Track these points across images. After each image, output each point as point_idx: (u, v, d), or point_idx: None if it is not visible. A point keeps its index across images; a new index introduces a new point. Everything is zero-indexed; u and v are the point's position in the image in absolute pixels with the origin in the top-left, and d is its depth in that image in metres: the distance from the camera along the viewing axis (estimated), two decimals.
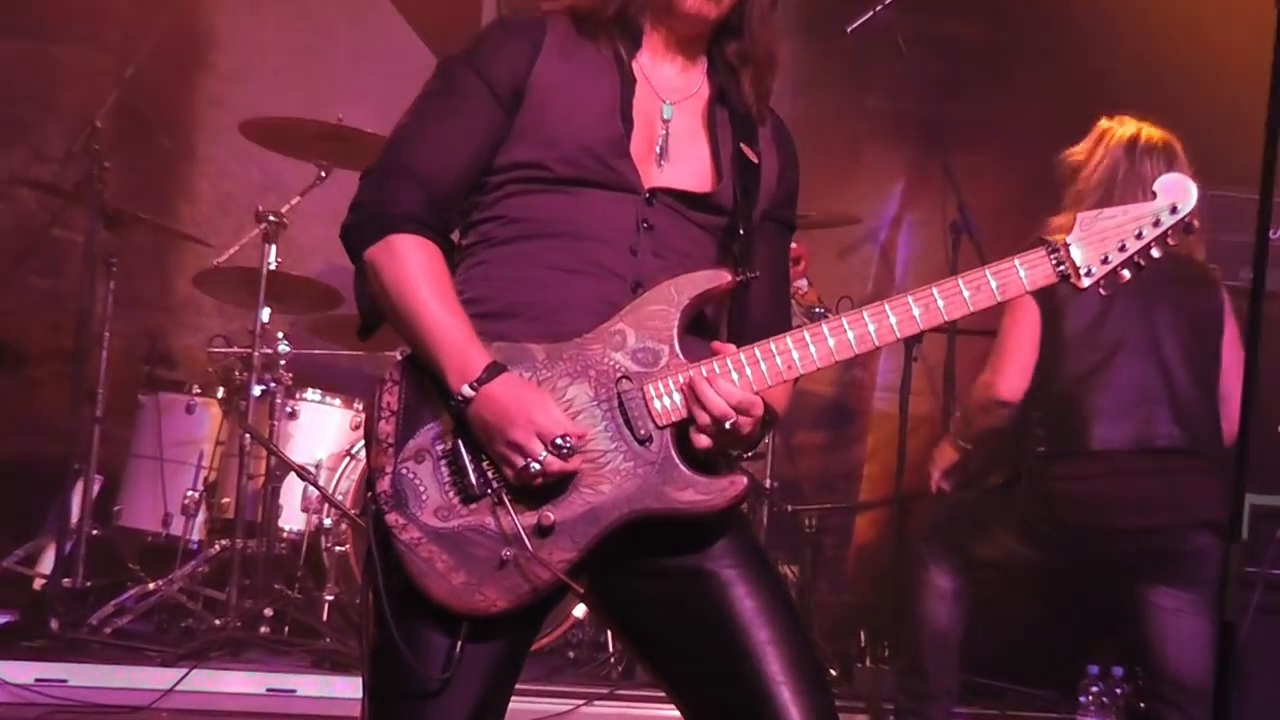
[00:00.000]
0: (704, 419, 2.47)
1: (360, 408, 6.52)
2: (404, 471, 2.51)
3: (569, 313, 2.57)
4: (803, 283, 6.02)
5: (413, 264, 2.55)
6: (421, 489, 2.51)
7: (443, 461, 2.52)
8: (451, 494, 2.51)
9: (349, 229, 2.62)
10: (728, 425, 2.44)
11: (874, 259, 8.23)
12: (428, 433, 2.55)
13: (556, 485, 2.50)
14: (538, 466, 2.44)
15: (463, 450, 2.51)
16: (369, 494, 2.53)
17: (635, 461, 2.50)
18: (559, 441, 2.44)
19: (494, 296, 2.62)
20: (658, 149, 2.66)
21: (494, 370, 2.49)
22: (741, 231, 2.63)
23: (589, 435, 2.52)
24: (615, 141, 2.61)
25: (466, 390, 2.47)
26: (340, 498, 6.16)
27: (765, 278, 2.72)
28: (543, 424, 2.45)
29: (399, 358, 2.60)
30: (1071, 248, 2.53)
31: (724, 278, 2.58)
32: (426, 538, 2.49)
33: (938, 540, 5.05)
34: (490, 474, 2.51)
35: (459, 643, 2.46)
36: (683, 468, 2.51)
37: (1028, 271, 2.52)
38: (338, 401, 6.64)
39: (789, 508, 6.79)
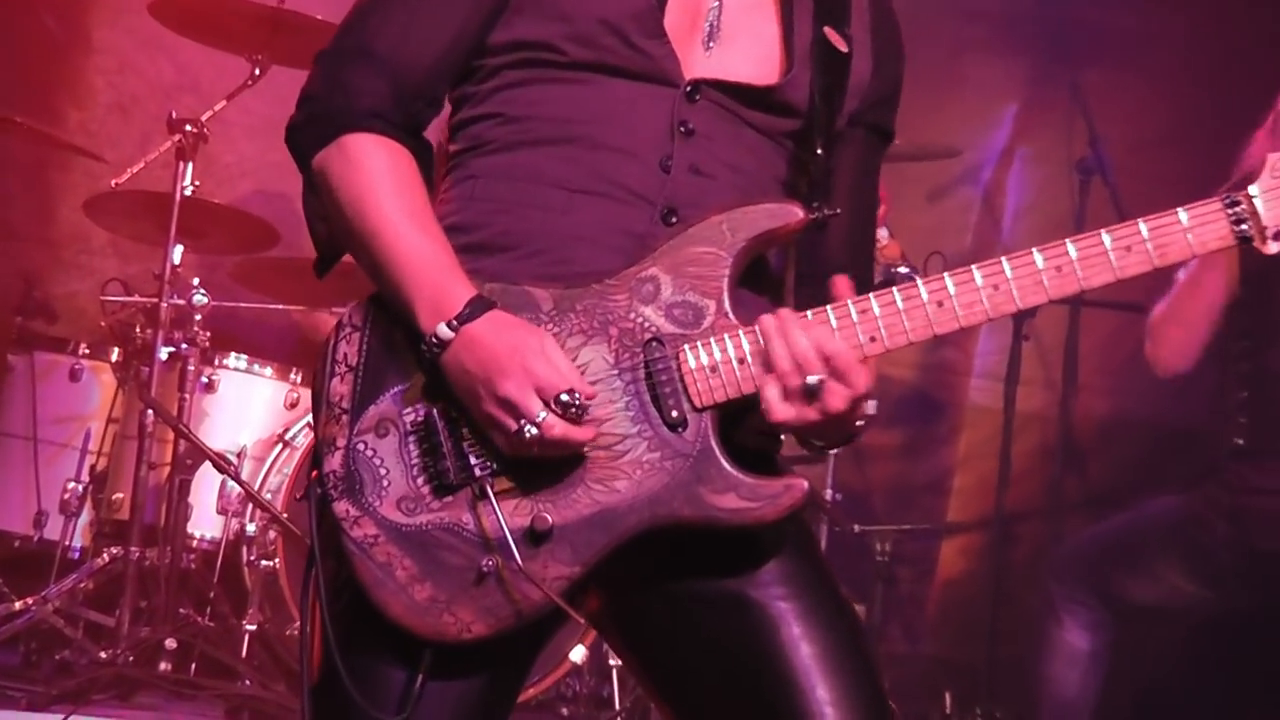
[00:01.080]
0: (784, 364, 2.43)
1: (298, 379, 6.49)
2: (360, 447, 2.51)
3: (580, 248, 2.56)
4: (883, 232, 5.97)
5: (373, 170, 2.55)
6: (382, 472, 2.51)
7: (412, 436, 2.51)
8: (421, 481, 2.51)
9: (294, 129, 2.63)
10: (812, 383, 2.41)
11: (975, 205, 8.17)
12: (394, 397, 2.55)
13: (557, 475, 2.49)
14: (534, 431, 2.41)
15: (438, 421, 2.51)
16: (313, 474, 2.53)
17: (663, 452, 2.49)
18: (564, 398, 2.41)
19: (484, 223, 2.62)
20: (706, 26, 2.64)
21: (479, 305, 2.48)
22: (819, 148, 2.60)
23: (605, 414, 2.51)
24: (645, 14, 2.58)
25: (442, 330, 2.46)
26: (269, 497, 6.11)
27: (847, 208, 2.67)
28: (543, 374, 2.43)
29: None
30: (1258, 200, 2.47)
31: (793, 215, 2.56)
32: (385, 536, 2.49)
33: (1077, 578, 4.99)
34: (474, 455, 2.51)
35: (420, 676, 2.47)
36: (725, 464, 2.49)
37: (1196, 230, 2.46)
38: (269, 371, 6.62)
39: (855, 528, 6.75)
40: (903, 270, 5.92)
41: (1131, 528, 4.88)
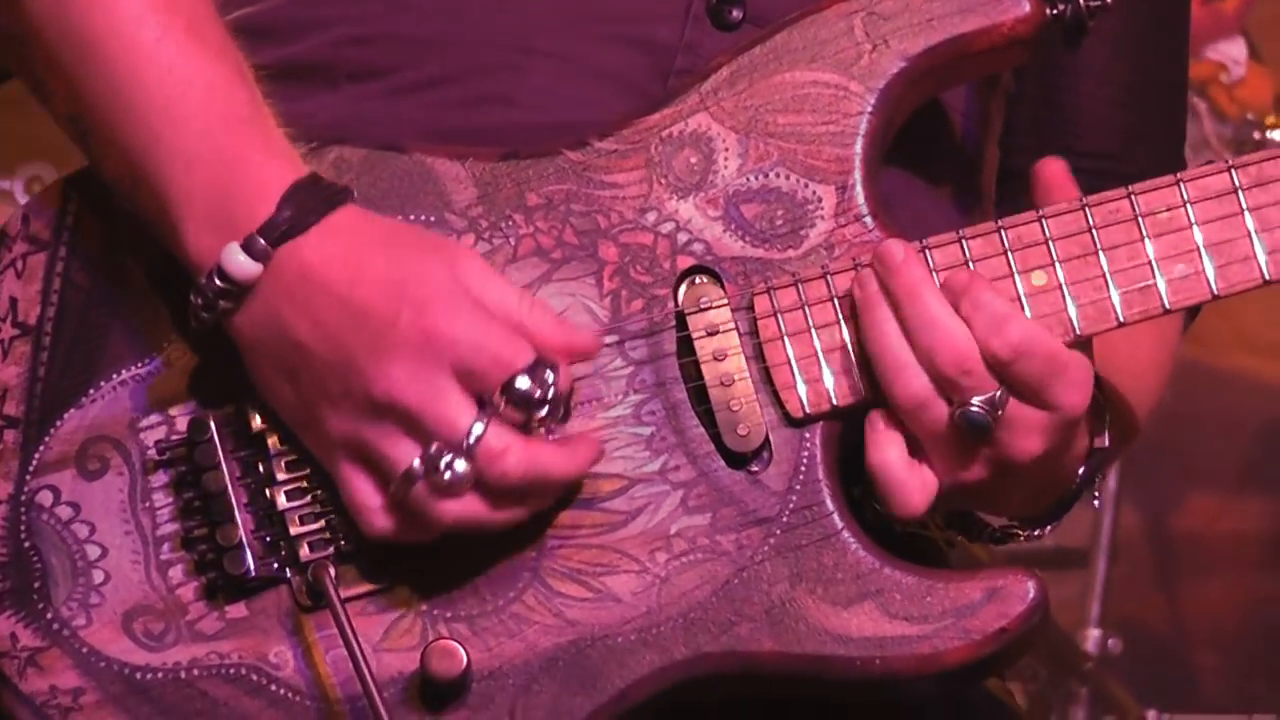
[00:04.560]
0: (950, 365, 1.66)
1: None
2: (45, 502, 1.75)
3: (534, 67, 1.81)
4: (1238, 50, 4.47)
5: None
6: (93, 553, 1.74)
7: (160, 474, 1.75)
8: (179, 570, 1.74)
9: None
10: (996, 402, 1.68)
11: None
12: (123, 392, 1.77)
13: (480, 557, 1.72)
14: (459, 469, 1.59)
15: (221, 443, 1.75)
16: None
17: (714, 515, 1.67)
18: (522, 383, 1.58)
19: (323, 18, 1.85)
20: None
21: (315, 197, 1.65)
22: None
23: (597, 423, 1.72)
24: None
25: (235, 260, 1.63)
26: None
27: (1117, 25, 1.95)
28: (470, 332, 1.60)
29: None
30: None
31: (1013, 6, 1.72)
32: (97, 693, 1.75)
33: None
34: (299, 510, 1.73)
35: None
36: (852, 540, 1.67)
37: None
38: None
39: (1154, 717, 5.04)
40: (1269, 136, 4.30)
41: None
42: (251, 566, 1.70)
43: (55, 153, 4.87)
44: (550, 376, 1.57)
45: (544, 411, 1.58)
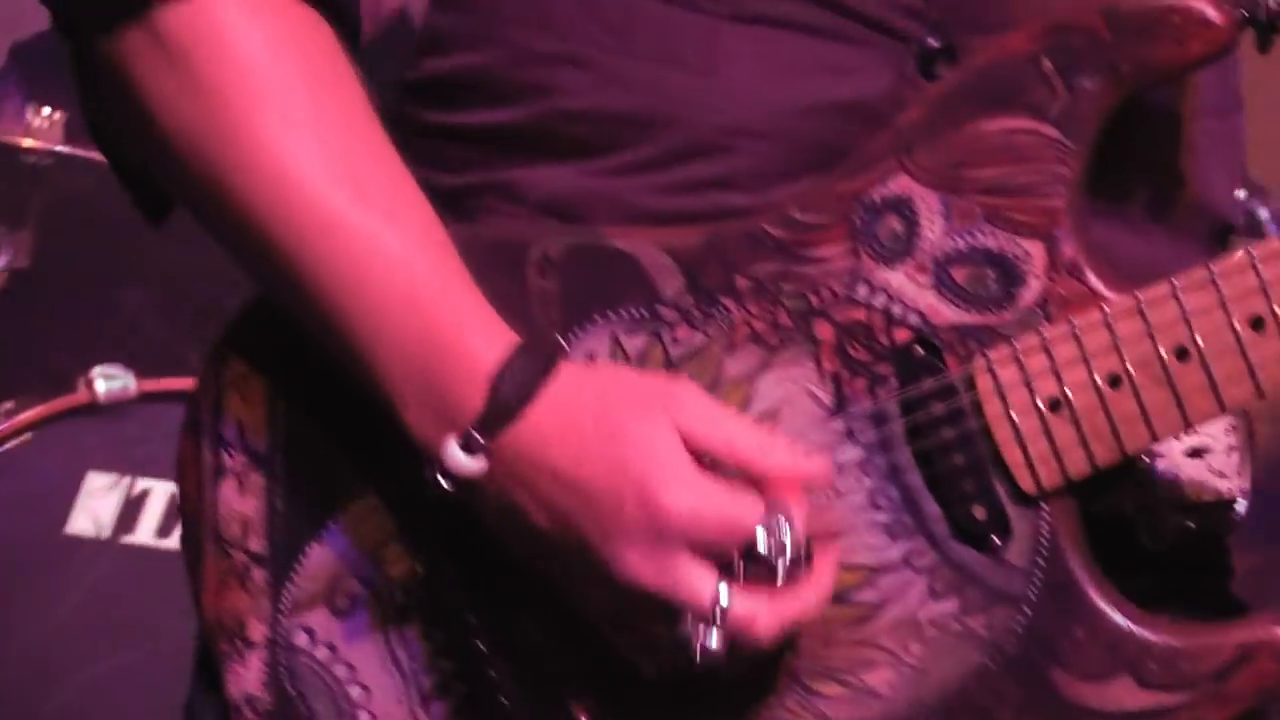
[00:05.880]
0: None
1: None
2: (301, 643, 1.68)
3: (741, 142, 1.66)
4: None
5: (257, 90, 1.63)
6: (354, 694, 1.68)
7: (412, 613, 1.68)
8: (440, 710, 1.68)
9: None
10: None
11: None
12: (367, 522, 1.70)
13: (747, 678, 1.64)
14: (712, 643, 1.53)
15: (460, 591, 1.70)
16: (204, 704, 1.74)
17: (961, 598, 1.60)
18: (762, 542, 1.52)
19: (518, 82, 1.74)
20: None
21: (531, 370, 1.58)
22: None
23: (834, 514, 1.63)
24: None
25: (457, 458, 1.56)
26: None
27: None
28: (701, 508, 1.53)
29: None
30: None
31: (1204, 20, 1.58)
32: None
33: None
34: (553, 653, 1.68)
35: None
36: (1106, 609, 1.57)
37: None
38: None
39: None
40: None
41: None
42: (502, 687, 1.67)
43: None
44: (786, 529, 1.51)
45: (787, 561, 1.53)
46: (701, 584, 1.48)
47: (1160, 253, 1.66)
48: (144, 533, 3.46)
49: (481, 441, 1.51)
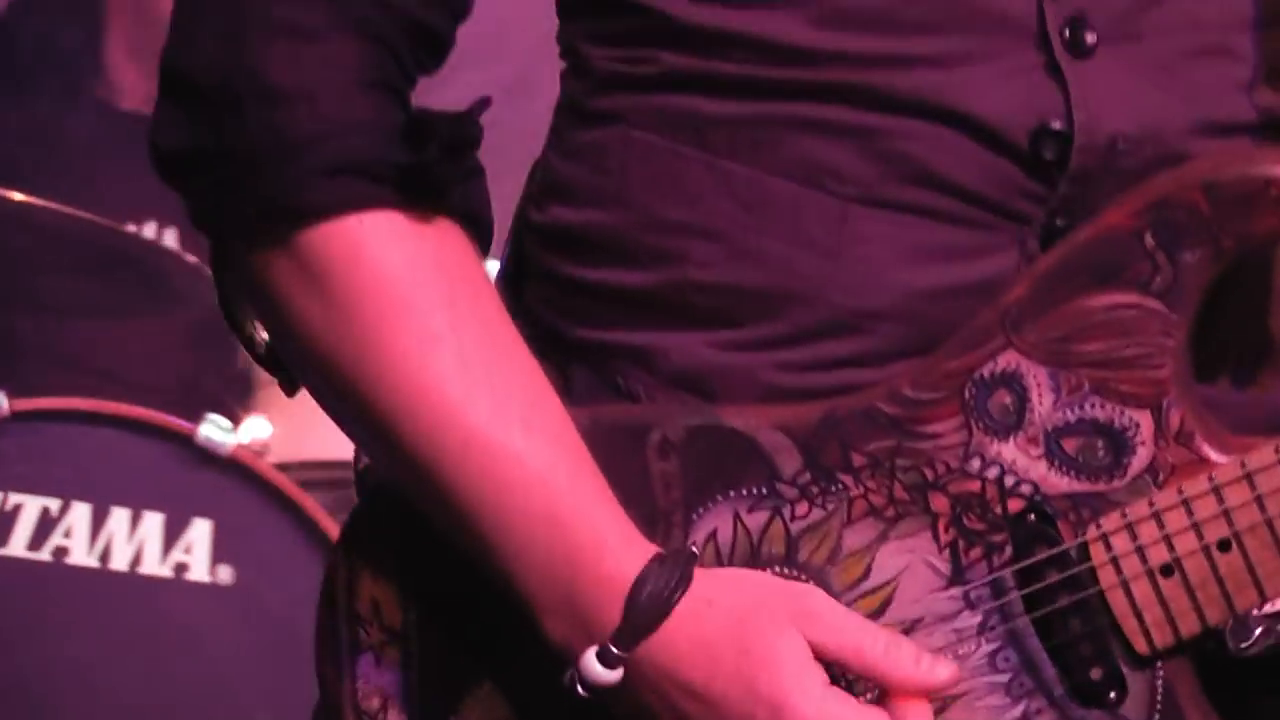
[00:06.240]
0: None
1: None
2: None
3: (867, 325, 1.72)
4: None
5: (396, 310, 1.65)
6: None
7: None
8: None
9: (171, 163, 1.69)
10: None
11: None
12: (497, 701, 1.72)
13: None
14: None
15: None
16: None
17: None
18: None
19: (656, 251, 1.77)
20: None
21: (664, 583, 1.60)
22: None
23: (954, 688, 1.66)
24: None
25: (596, 669, 1.60)
26: None
27: None
28: (818, 713, 1.55)
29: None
30: None
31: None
32: None
33: None
34: None
35: None
36: None
37: None
38: None
39: None
40: None
41: None
42: None
43: None
44: None
45: None
46: None
47: (1273, 399, 1.72)
48: (16, 545, 3.57)
49: (618, 654, 1.55)
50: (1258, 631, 1.61)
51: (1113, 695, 1.57)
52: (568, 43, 1.82)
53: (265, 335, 1.73)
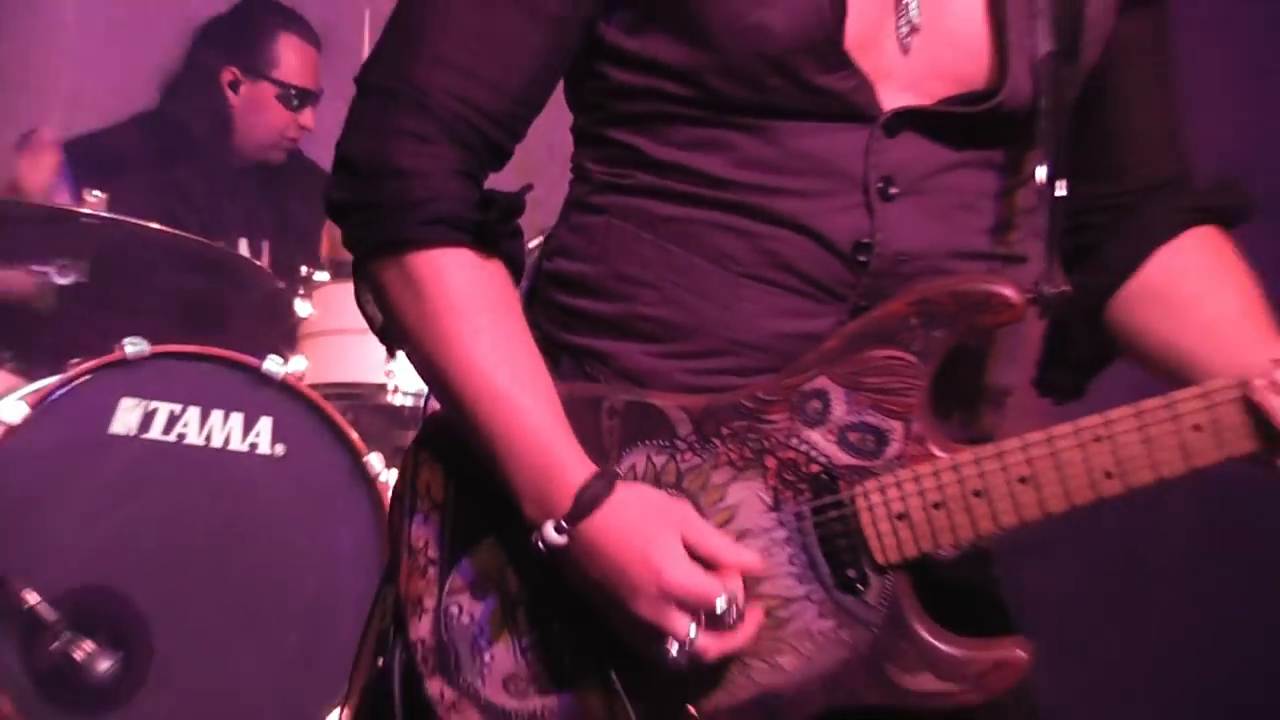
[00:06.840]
0: None
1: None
2: (454, 611, 2.10)
3: (743, 354, 2.09)
4: None
5: (449, 304, 2.07)
6: (482, 644, 2.11)
7: (520, 608, 2.11)
8: (530, 658, 2.10)
9: (337, 212, 2.12)
10: None
11: None
12: (493, 551, 2.12)
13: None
14: (682, 652, 1.98)
15: (544, 593, 2.12)
16: (396, 640, 2.13)
17: (838, 620, 2.05)
18: (720, 608, 1.97)
19: (621, 293, 2.13)
20: (903, 24, 2.08)
21: (596, 491, 2.01)
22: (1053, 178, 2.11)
23: (772, 564, 2.07)
24: (821, 44, 2.03)
25: (550, 534, 2.01)
26: None
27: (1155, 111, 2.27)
28: (685, 585, 1.98)
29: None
30: None
31: (1008, 302, 2.02)
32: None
33: None
34: (595, 636, 2.09)
35: None
36: (921, 633, 2.03)
37: None
38: None
39: None
40: None
41: None
42: (568, 663, 2.12)
43: None
44: (725, 607, 1.97)
45: (734, 618, 1.98)
46: (679, 622, 1.97)
47: (980, 426, 2.15)
48: (155, 432, 4.56)
49: (566, 528, 2.00)
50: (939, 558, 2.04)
51: (860, 587, 2.04)
52: (577, 161, 2.20)
53: (380, 316, 2.15)
